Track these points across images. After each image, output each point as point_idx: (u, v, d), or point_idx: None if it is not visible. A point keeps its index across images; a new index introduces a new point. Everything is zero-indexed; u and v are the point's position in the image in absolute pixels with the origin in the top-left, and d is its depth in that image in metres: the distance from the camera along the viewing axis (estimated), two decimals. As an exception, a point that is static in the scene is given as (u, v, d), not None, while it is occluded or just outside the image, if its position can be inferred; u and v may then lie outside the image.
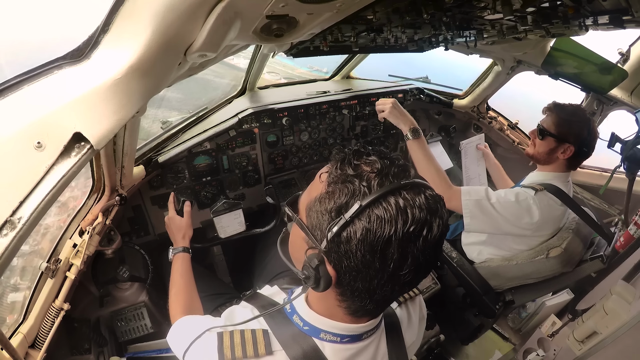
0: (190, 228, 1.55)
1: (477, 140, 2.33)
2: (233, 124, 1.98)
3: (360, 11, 0.94)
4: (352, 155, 0.65)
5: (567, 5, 1.08)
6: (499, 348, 2.45)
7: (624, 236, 1.51)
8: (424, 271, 0.66)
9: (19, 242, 0.63)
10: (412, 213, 0.58)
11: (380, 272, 0.61)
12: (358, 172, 0.62)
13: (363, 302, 0.67)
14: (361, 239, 0.59)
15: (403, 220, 0.58)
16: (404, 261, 0.60)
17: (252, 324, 0.78)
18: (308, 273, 0.65)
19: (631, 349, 1.17)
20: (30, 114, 0.63)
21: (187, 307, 1.22)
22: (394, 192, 0.59)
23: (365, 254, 0.59)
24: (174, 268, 1.38)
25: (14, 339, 1.09)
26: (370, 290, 0.64)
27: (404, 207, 0.58)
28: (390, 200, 0.59)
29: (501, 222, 1.61)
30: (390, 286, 0.63)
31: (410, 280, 0.64)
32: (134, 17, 0.63)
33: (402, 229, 0.58)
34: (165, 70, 0.75)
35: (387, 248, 0.59)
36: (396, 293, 0.67)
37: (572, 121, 1.63)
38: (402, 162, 0.67)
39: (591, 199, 2.61)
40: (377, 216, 0.58)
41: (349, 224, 0.59)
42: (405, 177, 0.63)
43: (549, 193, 1.62)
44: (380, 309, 0.74)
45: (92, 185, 1.44)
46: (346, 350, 0.73)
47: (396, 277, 0.62)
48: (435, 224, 0.61)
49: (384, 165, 0.63)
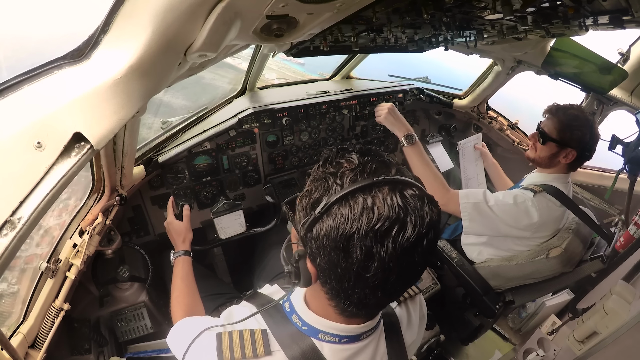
0: (189, 232, 1.55)
1: (474, 140, 2.33)
2: (233, 124, 1.98)
3: (360, 11, 0.94)
4: (335, 154, 0.66)
5: (567, 6, 1.08)
6: (499, 348, 2.45)
7: (624, 236, 1.51)
8: (399, 277, 0.60)
9: (19, 242, 0.63)
10: (379, 211, 0.56)
11: (347, 271, 0.60)
12: (336, 170, 0.63)
13: (344, 303, 0.66)
14: (326, 235, 0.59)
15: (368, 218, 0.56)
16: (368, 261, 0.57)
17: (250, 324, 0.78)
18: (290, 268, 0.67)
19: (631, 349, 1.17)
20: (31, 114, 0.63)
21: (189, 311, 1.22)
22: (364, 189, 0.58)
23: (331, 251, 0.59)
24: (175, 272, 1.39)
25: (14, 339, 1.09)
26: (345, 290, 0.63)
27: (371, 205, 0.56)
28: (358, 198, 0.57)
29: (499, 225, 1.61)
30: (361, 289, 0.61)
31: (380, 285, 0.60)
32: (134, 17, 0.62)
33: (366, 226, 0.56)
34: (165, 70, 0.75)
35: (350, 246, 0.57)
36: (374, 298, 0.64)
37: (575, 126, 1.59)
38: (384, 158, 0.64)
39: (591, 199, 2.61)
40: (342, 214, 0.57)
41: (317, 221, 0.60)
42: (383, 173, 0.61)
43: (548, 194, 1.62)
44: (365, 311, 0.72)
45: (92, 185, 1.44)
46: (345, 351, 0.73)
47: (362, 278, 0.59)
48: (409, 224, 0.57)
49: (360, 163, 0.62)
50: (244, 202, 2.16)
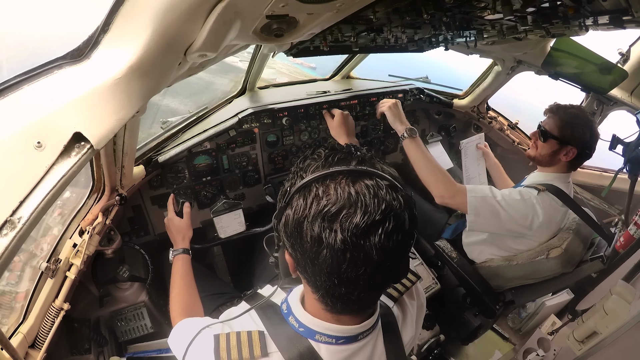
0: (189, 229, 1.55)
1: (477, 139, 2.33)
2: (233, 124, 1.98)
3: (360, 11, 0.94)
4: (311, 151, 0.70)
5: (567, 6, 1.08)
6: (499, 348, 2.45)
7: (624, 236, 1.51)
8: (358, 267, 0.59)
9: (19, 242, 0.63)
10: (327, 198, 0.59)
11: (303, 258, 0.63)
12: (306, 165, 0.66)
13: (318, 294, 0.68)
14: (287, 223, 0.64)
15: (317, 204, 0.59)
16: (318, 247, 0.59)
17: (248, 326, 0.78)
18: (272, 259, 0.73)
19: (631, 349, 1.17)
20: (31, 113, 0.63)
21: (188, 309, 1.22)
22: (318, 179, 0.61)
23: (290, 238, 0.64)
24: (174, 270, 1.39)
25: (14, 339, 1.09)
26: (312, 279, 0.66)
27: (322, 194, 0.59)
28: (312, 188, 0.61)
29: (506, 220, 1.59)
30: (319, 277, 0.62)
31: (338, 274, 0.60)
32: (134, 17, 0.62)
33: (314, 211, 0.59)
34: (165, 70, 0.75)
35: (302, 232, 0.61)
36: (336, 289, 0.63)
37: (575, 124, 1.62)
38: (350, 150, 0.66)
39: (591, 199, 2.61)
40: (298, 204, 0.62)
41: (283, 211, 0.65)
42: (345, 164, 0.62)
43: (551, 194, 1.62)
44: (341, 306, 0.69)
45: (92, 185, 1.44)
46: (342, 352, 0.73)
47: (317, 265, 0.61)
48: (359, 210, 0.56)
49: (324, 156, 0.65)
50: (244, 202, 2.16)
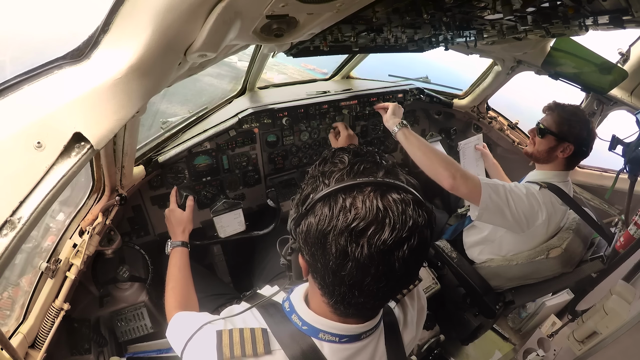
0: (190, 223, 1.54)
1: (475, 140, 2.33)
2: (233, 124, 1.98)
3: (360, 11, 0.94)
4: (331, 154, 0.68)
5: (567, 5, 1.08)
6: (499, 348, 2.45)
7: (624, 236, 1.51)
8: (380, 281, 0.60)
9: (19, 242, 0.63)
10: (356, 212, 0.57)
11: (325, 267, 0.62)
12: (326, 170, 0.65)
13: (331, 299, 0.68)
14: (308, 231, 0.62)
15: (344, 217, 0.58)
16: (343, 260, 0.59)
17: (251, 323, 0.78)
18: (283, 261, 0.71)
19: (631, 349, 1.17)
20: (31, 114, 0.63)
21: (184, 301, 1.22)
22: (345, 189, 0.60)
23: (312, 246, 0.63)
24: (172, 261, 1.38)
25: (14, 339, 1.08)
26: (327, 286, 0.65)
27: (349, 205, 0.58)
28: (338, 198, 0.59)
29: (513, 213, 1.55)
30: (339, 287, 0.63)
31: (359, 286, 0.61)
32: (134, 17, 0.62)
33: (341, 225, 0.58)
34: (165, 70, 0.75)
35: (326, 243, 0.60)
36: (354, 298, 0.64)
37: (573, 120, 1.65)
38: (376, 159, 0.65)
39: (591, 199, 2.61)
40: (322, 212, 0.60)
41: (304, 217, 0.63)
42: (371, 175, 0.61)
43: (551, 192, 1.63)
44: (353, 311, 0.70)
45: (92, 185, 1.44)
46: (345, 350, 0.74)
47: (339, 276, 0.61)
48: (387, 227, 0.56)
49: (350, 163, 0.64)
50: (244, 202, 2.16)
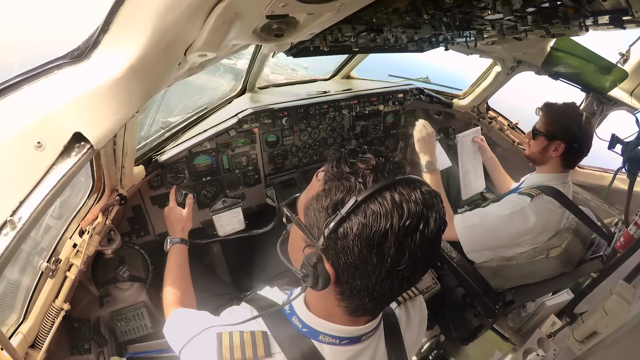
0: (190, 220, 1.53)
1: (473, 133, 2.31)
2: (233, 124, 1.98)
3: (360, 11, 0.94)
4: (348, 154, 0.67)
5: (567, 6, 1.08)
6: (499, 348, 2.45)
7: (623, 236, 1.51)
8: (423, 267, 0.65)
9: (19, 242, 0.63)
10: (407, 207, 0.59)
11: (378, 267, 0.61)
12: (354, 170, 0.64)
13: (362, 300, 0.67)
14: (357, 234, 0.59)
15: (399, 215, 0.59)
16: (401, 256, 0.60)
17: (251, 325, 0.78)
18: (307, 271, 0.65)
19: (631, 349, 1.17)
20: (31, 113, 0.63)
21: (183, 298, 1.22)
22: (389, 187, 0.61)
23: (362, 249, 0.60)
24: (171, 258, 1.38)
25: (14, 339, 1.09)
26: (369, 287, 0.64)
27: (400, 202, 0.59)
28: (386, 195, 0.59)
29: (501, 237, 1.68)
30: (389, 282, 0.63)
31: (408, 276, 0.64)
32: (134, 17, 0.62)
33: (398, 223, 0.58)
34: (165, 70, 0.75)
35: (384, 242, 0.59)
36: (395, 290, 0.66)
37: (560, 118, 1.68)
38: (397, 159, 0.67)
39: (591, 199, 2.61)
40: (372, 211, 0.59)
41: (345, 220, 0.60)
42: (400, 173, 0.64)
43: (547, 196, 1.63)
44: (379, 307, 0.74)
45: (92, 185, 1.44)
46: (345, 353, 0.73)
47: (394, 272, 0.62)
48: (431, 218, 0.61)
49: (378, 162, 0.64)
50: (243, 202, 2.16)
